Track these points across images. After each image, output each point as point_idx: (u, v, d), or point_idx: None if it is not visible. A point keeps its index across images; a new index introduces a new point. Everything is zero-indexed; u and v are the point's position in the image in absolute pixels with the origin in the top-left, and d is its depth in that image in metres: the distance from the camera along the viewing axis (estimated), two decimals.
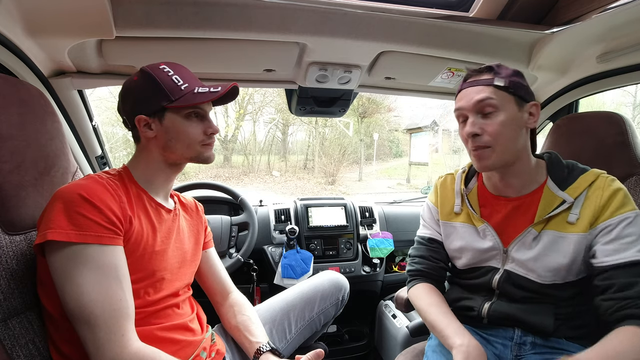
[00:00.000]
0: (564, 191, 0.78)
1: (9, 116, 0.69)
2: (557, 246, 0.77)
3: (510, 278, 0.83)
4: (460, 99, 0.81)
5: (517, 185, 0.83)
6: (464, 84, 0.82)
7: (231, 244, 1.40)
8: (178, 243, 0.83)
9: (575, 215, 0.76)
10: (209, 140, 0.80)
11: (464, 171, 0.94)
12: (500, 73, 0.77)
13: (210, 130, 0.79)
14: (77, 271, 0.61)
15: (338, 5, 0.93)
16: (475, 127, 0.76)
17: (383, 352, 1.55)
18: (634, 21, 0.90)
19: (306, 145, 10.45)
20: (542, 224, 0.79)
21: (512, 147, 0.77)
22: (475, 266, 0.89)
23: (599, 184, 0.76)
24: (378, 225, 1.70)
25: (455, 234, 0.91)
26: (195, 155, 0.79)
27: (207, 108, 0.81)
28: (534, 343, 0.81)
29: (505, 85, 0.75)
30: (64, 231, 0.61)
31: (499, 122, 0.75)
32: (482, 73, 0.79)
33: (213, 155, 0.83)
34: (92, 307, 0.61)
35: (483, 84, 0.77)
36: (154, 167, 0.79)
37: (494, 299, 0.86)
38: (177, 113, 0.75)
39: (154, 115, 0.75)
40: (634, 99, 7.71)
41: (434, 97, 1.50)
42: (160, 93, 0.74)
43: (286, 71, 1.21)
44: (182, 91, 0.75)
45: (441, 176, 0.99)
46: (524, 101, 0.78)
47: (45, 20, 0.85)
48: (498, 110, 0.75)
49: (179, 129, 0.76)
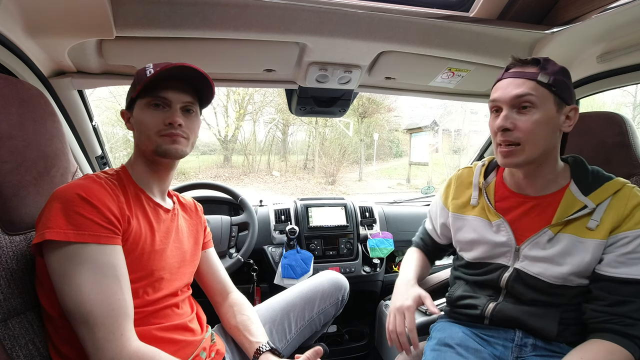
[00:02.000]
0: (587, 196, 0.76)
1: (9, 116, 0.69)
2: (575, 250, 0.76)
3: (520, 277, 0.82)
4: (497, 89, 0.77)
5: (539, 185, 0.81)
6: (505, 73, 0.77)
7: (231, 244, 1.40)
8: (177, 243, 0.83)
9: (595, 222, 0.74)
10: (167, 131, 0.74)
11: (484, 165, 0.93)
12: (546, 68, 0.73)
13: (168, 120, 0.74)
14: (76, 271, 0.61)
15: (338, 5, 0.93)
16: (508, 122, 0.74)
17: (383, 352, 1.54)
18: (634, 21, 0.90)
19: (306, 145, 10.44)
20: (559, 226, 0.77)
21: (541, 147, 0.74)
22: (485, 261, 0.88)
23: (623, 193, 0.74)
24: (378, 225, 1.70)
25: (467, 227, 0.91)
26: (154, 147, 0.74)
27: (172, 98, 0.75)
28: (535, 345, 0.81)
29: (549, 82, 0.71)
30: (62, 231, 0.61)
31: (533, 120, 0.72)
32: (527, 65, 0.75)
33: (175, 149, 0.75)
34: (90, 306, 0.61)
35: (526, 77, 0.73)
36: (138, 162, 0.80)
37: (500, 300, 0.85)
38: (140, 104, 0.76)
39: (129, 108, 0.79)
40: (634, 99, 7.71)
41: (434, 97, 1.50)
42: (133, 86, 0.77)
43: (286, 71, 1.21)
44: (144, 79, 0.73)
45: (459, 169, 0.99)
46: (565, 103, 0.74)
47: (45, 20, 0.85)
48: (535, 108, 0.72)
49: (139, 119, 0.76)
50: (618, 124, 0.96)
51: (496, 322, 0.85)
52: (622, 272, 0.71)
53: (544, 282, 0.79)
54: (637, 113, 7.57)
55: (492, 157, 0.95)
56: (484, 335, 0.87)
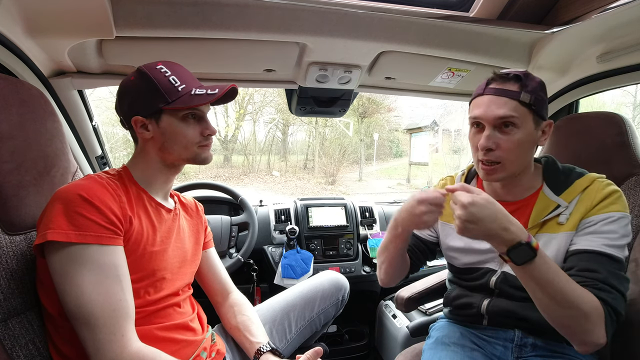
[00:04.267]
0: (559, 196, 0.77)
1: (9, 116, 0.69)
2: (549, 247, 0.77)
3: (507, 279, 0.83)
4: (479, 105, 0.76)
5: (516, 191, 0.83)
6: (486, 88, 0.76)
7: (231, 244, 1.40)
8: (178, 242, 0.83)
9: (565, 216, 0.76)
10: (205, 142, 0.79)
11: (463, 174, 0.94)
12: (527, 86, 0.73)
13: (207, 131, 0.78)
14: (77, 271, 0.61)
15: (338, 5, 0.93)
16: (490, 142, 0.74)
17: (383, 352, 1.54)
18: (634, 21, 0.90)
19: (306, 145, 10.44)
20: (536, 228, 0.79)
21: (521, 163, 0.77)
22: (474, 267, 0.89)
23: (593, 187, 0.75)
24: (378, 225, 1.70)
25: (454, 235, 0.91)
26: (193, 156, 0.78)
27: (205, 109, 0.80)
28: (535, 345, 0.81)
29: (530, 102, 0.72)
30: (64, 231, 0.61)
31: (515, 140, 0.73)
32: (508, 81, 0.74)
33: (210, 155, 0.82)
34: (91, 307, 0.61)
35: (508, 97, 0.72)
36: (152, 167, 0.79)
37: (493, 297, 0.86)
38: (173, 115, 0.75)
39: (151, 116, 0.74)
40: (634, 99, 7.70)
41: (434, 97, 1.50)
42: (157, 94, 0.73)
43: (286, 71, 1.21)
44: (179, 92, 0.74)
45: (442, 179, 0.99)
46: (541, 119, 0.76)
47: (45, 20, 0.85)
48: (517, 128, 0.73)
49: (175, 131, 0.75)
50: (618, 124, 0.96)
51: (494, 318, 0.85)
52: (583, 245, 0.72)
53: None
54: (637, 113, 7.57)
55: (471, 166, 0.95)
56: (483, 335, 0.87)
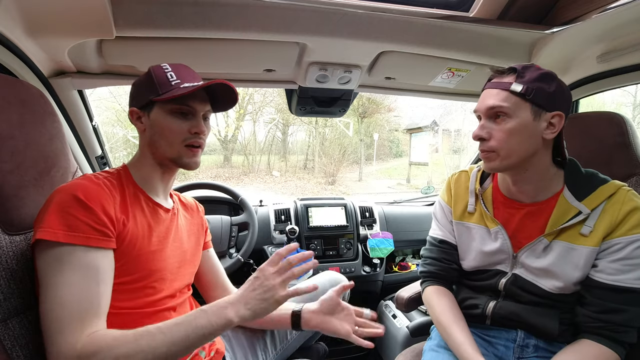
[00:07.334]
0: (580, 202, 0.74)
1: (9, 116, 0.69)
2: (568, 258, 0.75)
3: (517, 281, 0.82)
4: (480, 99, 0.79)
5: (530, 191, 0.80)
6: (487, 83, 0.79)
7: (231, 244, 1.40)
8: (177, 242, 0.83)
9: (589, 228, 0.73)
10: (192, 140, 0.76)
11: (479, 170, 0.92)
12: (523, 77, 0.72)
13: (194, 129, 0.76)
14: (58, 271, 0.60)
15: (338, 5, 0.93)
16: (483, 132, 0.76)
17: (383, 352, 1.54)
18: (634, 21, 0.90)
19: (306, 145, 10.44)
20: (553, 234, 0.77)
21: (518, 154, 0.74)
22: (483, 269, 0.88)
23: (618, 197, 0.73)
24: (378, 225, 1.70)
25: (468, 235, 0.89)
26: (176, 156, 0.76)
27: (198, 107, 0.77)
28: (537, 346, 0.81)
29: (522, 92, 0.71)
30: (53, 230, 0.60)
31: (506, 129, 0.73)
32: (504, 75, 0.75)
33: (196, 162, 0.78)
34: (61, 309, 0.58)
35: (500, 88, 0.74)
36: (146, 164, 0.79)
37: (499, 299, 0.85)
38: (163, 108, 0.75)
39: (144, 108, 0.76)
40: (634, 99, 7.71)
41: (434, 97, 1.50)
42: (151, 87, 0.75)
43: (286, 71, 1.21)
44: (171, 86, 0.74)
45: (454, 173, 0.96)
46: (544, 110, 0.72)
47: (45, 20, 0.85)
48: (509, 117, 0.72)
49: (162, 124, 0.75)
50: (618, 124, 0.96)
51: (497, 319, 0.84)
52: (615, 279, 0.70)
53: (541, 289, 0.79)
54: (637, 113, 7.57)
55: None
56: (485, 335, 0.87)
